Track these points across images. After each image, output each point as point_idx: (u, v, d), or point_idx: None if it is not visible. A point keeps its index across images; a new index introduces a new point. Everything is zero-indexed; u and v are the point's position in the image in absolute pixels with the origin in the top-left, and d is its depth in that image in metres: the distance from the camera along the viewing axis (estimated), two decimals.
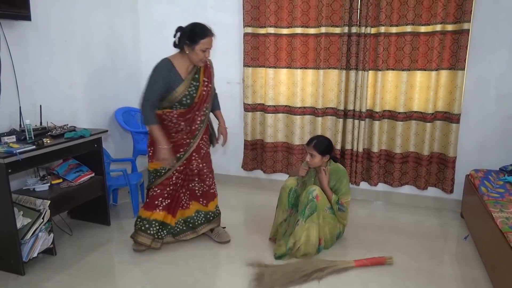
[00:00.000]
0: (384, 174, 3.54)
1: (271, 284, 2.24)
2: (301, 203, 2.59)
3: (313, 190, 2.56)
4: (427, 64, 3.17)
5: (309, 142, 2.67)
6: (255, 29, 3.54)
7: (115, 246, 2.77)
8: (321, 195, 2.57)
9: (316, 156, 2.62)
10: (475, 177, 2.95)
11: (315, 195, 2.54)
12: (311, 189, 2.56)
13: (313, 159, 2.63)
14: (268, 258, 2.56)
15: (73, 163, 2.90)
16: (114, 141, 3.70)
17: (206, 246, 2.74)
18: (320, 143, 2.64)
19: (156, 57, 3.94)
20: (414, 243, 2.81)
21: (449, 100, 3.18)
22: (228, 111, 3.90)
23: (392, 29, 3.19)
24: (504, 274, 2.04)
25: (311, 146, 2.63)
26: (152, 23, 3.96)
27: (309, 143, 2.67)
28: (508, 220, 2.19)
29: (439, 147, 3.31)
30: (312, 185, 2.62)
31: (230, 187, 3.97)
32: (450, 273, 2.44)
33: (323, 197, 2.58)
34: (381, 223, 3.19)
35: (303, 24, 3.40)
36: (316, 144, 2.63)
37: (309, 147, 2.65)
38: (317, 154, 2.62)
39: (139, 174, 3.44)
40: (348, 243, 2.79)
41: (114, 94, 3.69)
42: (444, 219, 3.25)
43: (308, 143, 2.67)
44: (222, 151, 4.02)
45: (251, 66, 3.62)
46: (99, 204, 3.00)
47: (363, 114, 3.36)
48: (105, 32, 3.51)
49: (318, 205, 2.54)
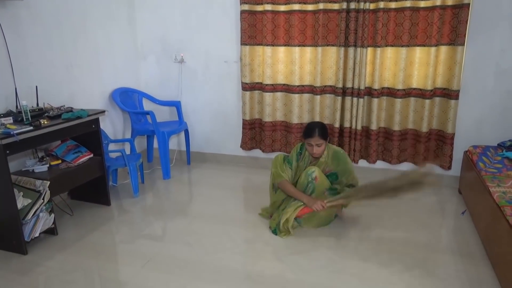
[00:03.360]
0: (383, 152, 3.54)
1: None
2: (301, 184, 2.60)
3: (312, 172, 2.56)
4: (427, 40, 3.12)
5: (312, 133, 2.55)
6: (252, 6, 3.48)
7: (115, 225, 2.80)
8: (320, 176, 2.57)
9: (323, 143, 2.58)
10: (473, 153, 2.95)
11: (314, 177, 2.55)
12: (310, 171, 2.57)
13: (319, 148, 2.58)
14: (267, 234, 2.59)
15: (71, 144, 2.90)
16: (112, 122, 3.69)
17: (204, 224, 2.77)
18: (322, 129, 2.58)
19: (152, 37, 3.93)
20: (412, 220, 2.83)
21: (448, 77, 3.15)
22: (226, 91, 3.90)
23: (391, 4, 3.13)
24: (500, 247, 2.07)
25: (317, 136, 2.54)
26: (148, 2, 3.89)
27: (312, 134, 2.55)
28: (505, 195, 2.21)
29: (437, 124, 3.30)
30: (311, 167, 2.61)
31: (229, 167, 3.98)
32: (447, 247, 2.47)
33: (322, 178, 2.58)
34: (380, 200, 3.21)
35: (301, 0, 3.34)
36: (320, 132, 2.55)
37: (314, 138, 2.55)
38: (323, 141, 2.58)
39: (138, 155, 3.44)
40: (347, 221, 2.81)
41: (111, 75, 3.65)
42: (442, 195, 3.27)
43: (312, 134, 2.55)
44: (221, 131, 4.02)
45: (248, 45, 3.57)
46: (99, 185, 3.02)
47: (362, 92, 3.34)
48: (101, 11, 3.45)
49: (316, 186, 2.55)
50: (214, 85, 3.92)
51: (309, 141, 2.58)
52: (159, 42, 3.96)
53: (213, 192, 3.38)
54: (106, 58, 3.57)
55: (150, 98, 3.98)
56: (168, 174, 3.67)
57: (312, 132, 2.56)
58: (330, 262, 2.31)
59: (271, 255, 2.39)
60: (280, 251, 2.43)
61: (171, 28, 3.89)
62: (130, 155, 3.45)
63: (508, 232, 1.94)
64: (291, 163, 2.71)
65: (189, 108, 4.05)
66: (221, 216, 2.91)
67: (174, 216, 2.94)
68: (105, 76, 3.57)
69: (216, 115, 4.01)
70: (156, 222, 2.84)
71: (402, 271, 2.21)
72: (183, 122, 3.91)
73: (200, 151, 4.17)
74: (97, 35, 3.43)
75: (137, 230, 2.73)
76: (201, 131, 4.11)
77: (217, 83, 3.91)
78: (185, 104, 4.03)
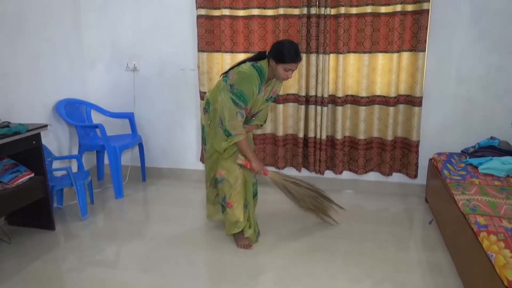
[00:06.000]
0: (349, 162, 3.64)
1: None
2: (251, 190, 2.75)
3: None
4: (389, 46, 3.27)
5: (299, 57, 2.43)
6: (208, 11, 3.50)
7: (61, 252, 2.68)
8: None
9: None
10: (438, 160, 3.10)
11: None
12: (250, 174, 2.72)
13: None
14: (230, 254, 2.58)
15: (8, 163, 2.76)
16: (56, 137, 3.56)
17: (162, 247, 2.72)
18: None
19: (101, 42, 3.80)
20: (380, 231, 2.92)
21: (411, 83, 3.31)
22: (183, 100, 3.88)
23: (352, 9, 3.25)
24: (466, 256, 2.17)
25: (299, 59, 2.46)
26: (95, 3, 3.81)
27: (299, 58, 2.44)
28: (469, 202, 2.33)
29: (402, 131, 3.45)
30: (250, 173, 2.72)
31: (189, 182, 3.95)
32: (416, 258, 2.56)
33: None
34: (347, 212, 3.28)
35: (260, 5, 3.40)
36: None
37: (298, 62, 2.46)
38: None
39: (86, 173, 3.34)
40: (316, 235, 2.85)
41: (55, 84, 3.53)
42: (409, 204, 3.40)
43: (298, 58, 2.43)
44: (178, 143, 3.98)
45: (206, 51, 3.57)
46: (42, 207, 2.90)
47: (326, 100, 3.43)
48: (41, 11, 3.33)
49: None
50: (170, 94, 3.88)
51: (291, 66, 2.44)
52: (109, 47, 3.88)
53: (171, 210, 3.33)
54: (48, 65, 3.44)
55: (99, 109, 3.88)
56: (120, 192, 3.58)
57: (299, 56, 2.44)
58: (297, 281, 2.33)
59: (234, 277, 2.38)
60: (244, 272, 2.43)
61: (122, 32, 3.83)
62: (77, 173, 3.34)
63: (473, 241, 2.04)
64: (248, 102, 2.47)
65: (143, 119, 3.99)
66: (180, 237, 2.86)
67: (128, 239, 2.86)
68: (47, 85, 3.44)
69: (172, 126, 3.96)
70: (108, 247, 2.75)
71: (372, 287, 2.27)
72: (137, 135, 3.83)
73: (156, 166, 4.10)
74: (37, 38, 3.30)
75: (87, 256, 2.63)
76: (157, 144, 4.05)
77: (173, 93, 3.88)
78: (139, 116, 3.96)
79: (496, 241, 1.86)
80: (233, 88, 2.42)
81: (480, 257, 1.93)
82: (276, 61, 2.44)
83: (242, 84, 2.42)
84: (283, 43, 2.47)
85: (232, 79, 2.45)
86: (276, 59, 2.44)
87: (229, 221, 2.67)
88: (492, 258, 1.80)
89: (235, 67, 2.54)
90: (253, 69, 2.45)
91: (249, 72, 2.43)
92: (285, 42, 2.47)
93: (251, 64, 2.47)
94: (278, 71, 2.46)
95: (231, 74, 2.49)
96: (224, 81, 2.53)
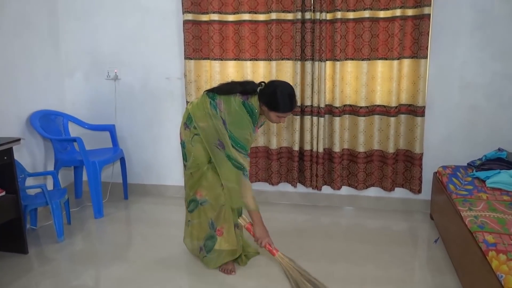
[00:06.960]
0: (348, 176, 3.66)
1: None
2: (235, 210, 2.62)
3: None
4: (388, 52, 3.32)
5: (294, 106, 2.43)
6: (196, 16, 3.53)
7: (35, 278, 2.65)
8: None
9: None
10: (443, 174, 3.12)
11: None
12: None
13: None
14: (214, 278, 2.56)
15: None
16: (30, 151, 3.54)
17: (145, 271, 2.70)
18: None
19: (80, 49, 3.80)
20: (382, 251, 2.93)
21: (413, 92, 3.35)
22: (169, 111, 3.88)
23: (350, 14, 3.31)
24: (474, 278, 2.18)
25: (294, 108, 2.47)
26: (73, 8, 3.84)
27: (294, 106, 2.44)
28: (476, 219, 2.34)
29: (404, 143, 3.48)
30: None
31: (174, 200, 3.93)
32: (421, 281, 2.57)
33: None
34: (347, 231, 3.29)
35: (251, 10, 3.44)
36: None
37: (293, 110, 2.48)
38: None
39: (63, 190, 3.31)
40: (312, 256, 2.84)
41: (29, 95, 3.52)
42: (413, 222, 3.42)
43: (294, 106, 2.44)
44: (163, 158, 3.97)
45: (193, 59, 3.60)
46: (13, 229, 2.87)
47: (322, 110, 3.46)
48: (14, 19, 3.34)
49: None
50: (155, 105, 3.89)
51: (286, 114, 2.45)
52: (88, 55, 3.89)
53: (155, 231, 3.31)
54: (22, 75, 3.44)
55: (77, 122, 3.87)
56: (100, 212, 3.55)
57: (294, 105, 2.44)
58: None
59: None
60: None
61: (102, 39, 3.85)
62: (53, 190, 3.32)
63: (481, 261, 2.05)
64: (247, 148, 2.54)
65: (125, 132, 3.98)
66: (165, 260, 2.84)
67: (109, 263, 2.84)
68: (21, 96, 3.43)
69: (157, 140, 3.97)
70: (87, 271, 2.72)
71: None
72: (119, 149, 3.83)
73: (139, 182, 4.08)
74: (10, 46, 3.31)
75: (63, 282, 2.60)
76: (140, 159, 4.04)
77: (158, 103, 3.89)
78: (120, 128, 3.96)
79: (506, 260, 1.87)
80: (226, 124, 2.41)
81: (489, 278, 1.93)
82: (268, 108, 2.39)
83: (236, 130, 2.43)
84: (276, 91, 2.36)
85: (223, 113, 2.41)
86: (268, 106, 2.39)
87: (221, 254, 2.55)
88: (501, 279, 1.81)
89: (222, 95, 2.45)
90: (244, 110, 2.41)
91: (241, 117, 2.41)
92: (278, 91, 2.36)
93: (241, 102, 2.41)
94: (271, 117, 2.44)
95: (220, 103, 2.43)
96: (212, 107, 2.42)
